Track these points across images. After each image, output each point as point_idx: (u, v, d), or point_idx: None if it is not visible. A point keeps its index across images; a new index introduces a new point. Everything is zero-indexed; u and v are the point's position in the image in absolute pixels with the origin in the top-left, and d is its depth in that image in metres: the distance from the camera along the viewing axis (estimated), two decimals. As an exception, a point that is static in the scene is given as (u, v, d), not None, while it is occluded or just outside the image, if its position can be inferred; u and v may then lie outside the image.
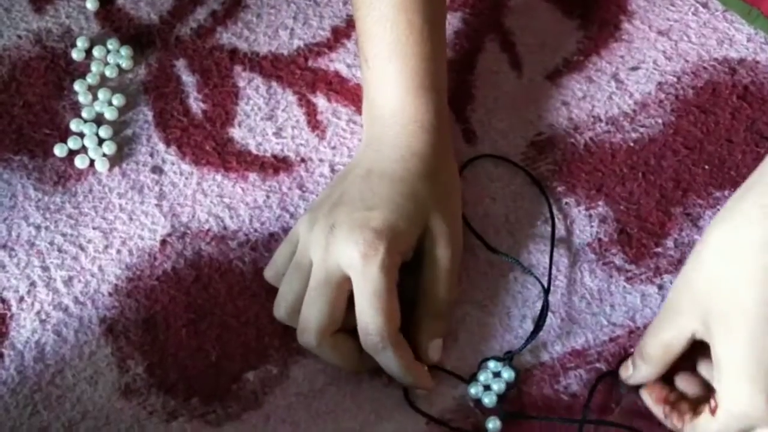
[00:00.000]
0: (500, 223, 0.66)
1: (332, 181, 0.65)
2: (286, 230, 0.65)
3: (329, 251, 0.59)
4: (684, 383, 0.60)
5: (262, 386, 0.61)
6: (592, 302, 0.64)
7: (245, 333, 0.62)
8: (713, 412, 0.56)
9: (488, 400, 0.60)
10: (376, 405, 0.61)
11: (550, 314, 0.63)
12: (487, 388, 0.61)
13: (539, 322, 0.62)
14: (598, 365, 0.62)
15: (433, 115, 0.63)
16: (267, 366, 0.62)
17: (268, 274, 0.63)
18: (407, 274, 0.61)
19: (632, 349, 0.62)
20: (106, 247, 0.65)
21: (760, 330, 0.53)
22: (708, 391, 0.59)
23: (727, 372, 0.55)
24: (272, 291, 0.63)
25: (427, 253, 0.61)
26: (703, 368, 0.59)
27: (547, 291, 0.63)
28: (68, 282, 0.64)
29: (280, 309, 0.61)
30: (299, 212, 0.66)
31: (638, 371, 0.60)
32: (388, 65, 0.63)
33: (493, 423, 0.60)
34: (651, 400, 0.60)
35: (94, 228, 0.65)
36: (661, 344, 0.58)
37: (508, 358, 0.61)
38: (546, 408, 0.61)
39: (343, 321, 0.60)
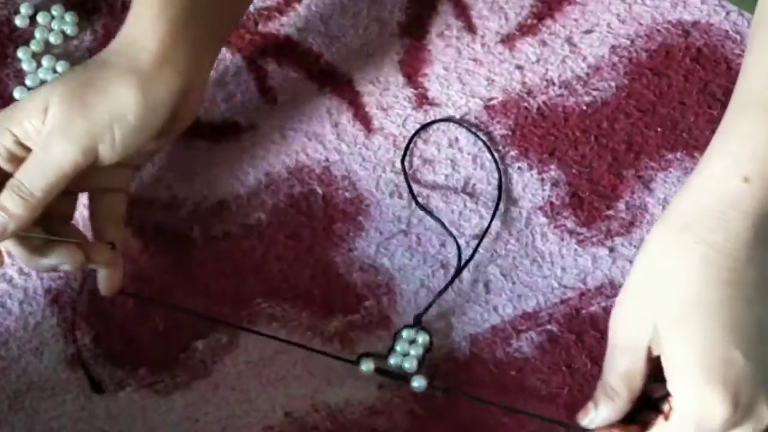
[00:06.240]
0: (457, 188, 0.65)
1: None
2: (235, 197, 0.65)
3: None
4: None
5: (211, 355, 0.60)
6: (543, 265, 0.63)
7: (194, 302, 0.62)
8: (667, 417, 0.54)
9: (408, 365, 0.60)
10: (326, 372, 0.60)
11: (501, 277, 0.63)
12: (405, 355, 0.60)
13: (454, 277, 0.62)
14: (549, 327, 0.62)
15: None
16: (216, 334, 0.61)
17: None
18: None
19: (584, 311, 0.62)
20: (51, 216, 0.64)
21: (709, 320, 0.52)
22: None
23: (679, 370, 0.53)
24: (222, 260, 0.62)
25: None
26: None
27: (459, 250, 0.62)
28: (12, 252, 0.62)
29: None
30: (249, 179, 0.65)
31: (603, 411, 0.56)
32: None
33: (418, 381, 0.59)
34: None
35: (38, 197, 0.64)
36: (622, 373, 0.55)
37: (417, 323, 0.61)
38: (498, 371, 0.61)
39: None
